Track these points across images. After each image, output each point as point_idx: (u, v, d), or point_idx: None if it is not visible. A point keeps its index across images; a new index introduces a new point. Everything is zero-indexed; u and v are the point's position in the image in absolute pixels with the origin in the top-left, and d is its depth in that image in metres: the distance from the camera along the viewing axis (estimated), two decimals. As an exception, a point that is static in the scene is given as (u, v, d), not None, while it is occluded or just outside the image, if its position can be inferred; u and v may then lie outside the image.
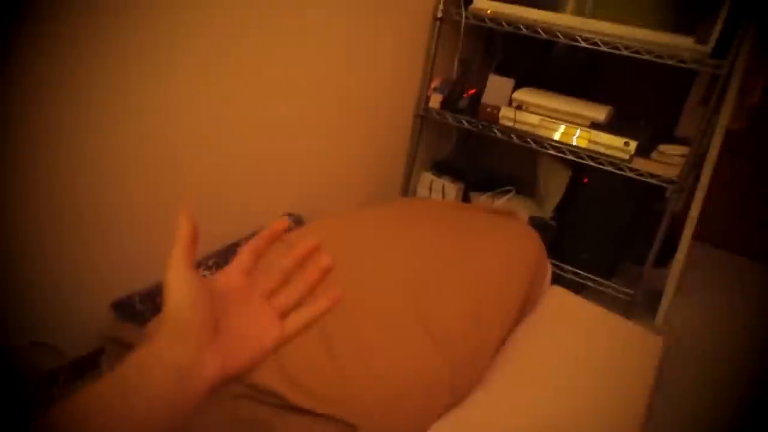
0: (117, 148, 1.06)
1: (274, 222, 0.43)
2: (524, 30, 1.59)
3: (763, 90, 1.63)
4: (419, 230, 1.32)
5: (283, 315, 0.44)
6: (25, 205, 0.96)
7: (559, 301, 1.34)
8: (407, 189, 1.99)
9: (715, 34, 1.38)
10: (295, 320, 0.44)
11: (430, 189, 2.01)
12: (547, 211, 1.87)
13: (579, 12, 1.53)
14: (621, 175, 1.56)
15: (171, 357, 0.36)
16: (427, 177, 2.02)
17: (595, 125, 1.58)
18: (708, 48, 1.38)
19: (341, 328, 0.92)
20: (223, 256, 1.30)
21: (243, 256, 0.44)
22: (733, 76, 1.44)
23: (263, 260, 0.44)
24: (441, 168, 2.04)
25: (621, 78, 1.81)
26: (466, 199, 1.98)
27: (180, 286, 0.38)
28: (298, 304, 0.45)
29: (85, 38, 0.93)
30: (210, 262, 1.25)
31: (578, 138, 1.58)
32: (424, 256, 1.21)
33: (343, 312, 0.94)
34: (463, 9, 1.66)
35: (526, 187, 2.01)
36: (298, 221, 1.53)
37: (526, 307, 1.22)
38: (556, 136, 1.61)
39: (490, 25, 1.64)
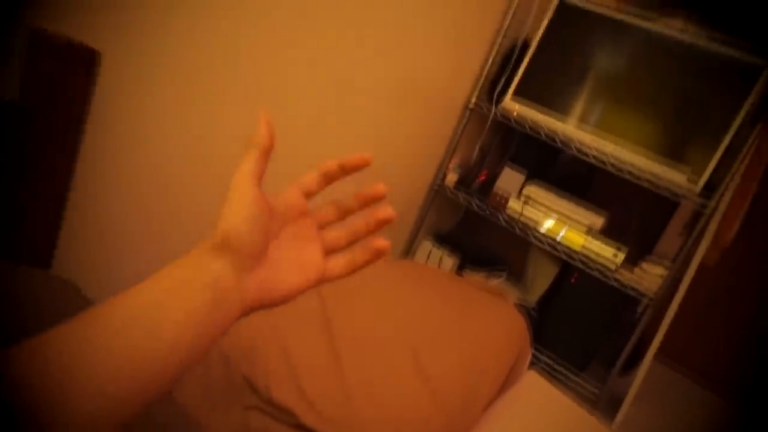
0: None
1: (359, 154, 0.41)
2: (543, 137, 1.78)
3: (737, 232, 1.83)
4: (421, 292, 1.44)
5: (328, 251, 0.42)
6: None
7: (534, 384, 1.45)
8: (407, 253, 2.13)
9: (706, 175, 1.58)
10: (339, 262, 0.42)
11: (428, 257, 2.14)
12: (532, 299, 2.02)
13: (589, 124, 1.73)
14: (605, 282, 1.72)
15: (212, 276, 0.34)
16: (428, 245, 2.16)
17: (590, 231, 1.75)
18: (698, 187, 1.58)
19: (353, 357, 1.03)
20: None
21: (310, 178, 0.41)
22: (714, 217, 1.64)
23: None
24: (441, 239, 2.19)
25: (618, 186, 1.99)
26: (460, 272, 2.12)
27: (242, 203, 0.35)
28: (346, 246, 0.42)
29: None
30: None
31: (575, 241, 1.75)
32: (424, 316, 1.33)
33: (356, 341, 1.06)
34: (493, 105, 1.86)
35: (517, 272, 2.16)
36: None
37: (506, 384, 1.34)
38: (556, 236, 1.78)
39: (514, 125, 1.84)
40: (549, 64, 1.81)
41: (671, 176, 1.61)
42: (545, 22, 1.78)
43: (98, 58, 0.79)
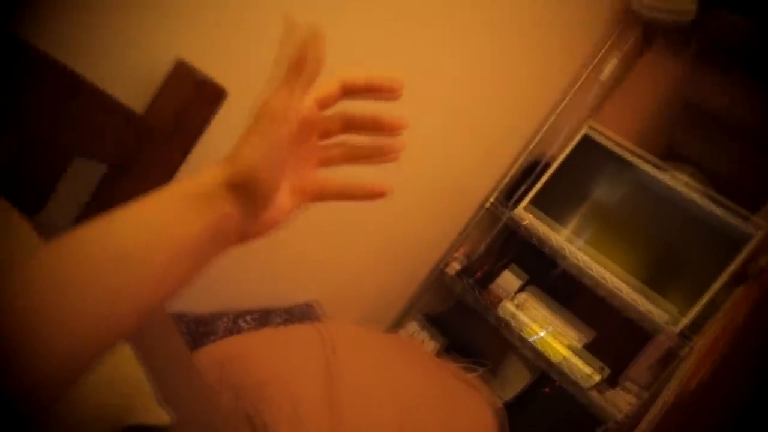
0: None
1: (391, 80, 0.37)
2: (547, 249, 1.93)
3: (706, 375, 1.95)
4: (412, 367, 1.53)
5: (322, 165, 0.40)
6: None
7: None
8: (395, 327, 2.20)
9: (687, 319, 1.72)
10: (333, 184, 0.40)
11: (414, 334, 2.21)
12: (504, 397, 2.08)
13: (591, 246, 1.88)
14: (576, 398, 1.81)
15: (219, 218, 0.33)
16: (414, 326, 2.23)
17: (574, 346, 1.86)
18: (677, 328, 1.72)
19: (350, 411, 1.10)
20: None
21: (331, 89, 0.37)
22: (687, 359, 1.76)
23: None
24: (430, 320, 2.27)
25: (603, 305, 2.11)
26: (441, 357, 2.18)
27: (271, 142, 0.33)
28: (341, 163, 0.41)
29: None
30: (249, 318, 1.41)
31: (557, 352, 1.85)
32: (411, 390, 1.40)
33: (354, 398, 1.12)
34: (507, 210, 2.01)
35: (494, 368, 2.23)
36: (309, 308, 1.70)
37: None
38: (540, 345, 1.88)
39: (522, 233, 1.98)
40: (565, 186, 1.99)
41: (655, 311, 1.75)
42: (568, 150, 1.98)
43: (224, 97, 0.90)
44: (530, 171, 2.05)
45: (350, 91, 0.38)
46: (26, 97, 0.80)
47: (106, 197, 0.90)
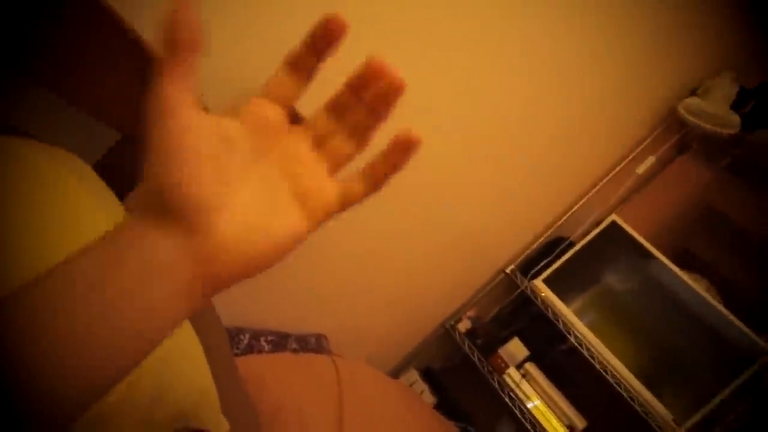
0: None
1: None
2: (560, 326, 1.95)
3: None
4: (416, 418, 1.52)
5: (338, 167, 0.33)
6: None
7: None
8: (395, 376, 2.19)
9: (689, 423, 1.72)
10: (357, 177, 0.33)
11: (411, 385, 2.20)
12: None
13: (603, 334, 1.90)
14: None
15: (162, 263, 0.26)
16: (413, 375, 2.23)
17: (571, 427, 1.85)
18: (680, 430, 1.72)
19: None
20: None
21: (279, 78, 0.32)
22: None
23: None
24: (428, 374, 2.27)
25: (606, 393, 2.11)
26: (435, 413, 2.17)
27: (171, 139, 0.26)
28: (357, 153, 0.34)
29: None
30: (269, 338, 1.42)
31: (554, 430, 1.85)
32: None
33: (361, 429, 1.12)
34: (526, 280, 2.05)
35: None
36: (320, 339, 1.71)
37: None
38: (541, 419, 1.88)
39: (539, 305, 2.01)
40: (584, 268, 2.03)
41: (659, 409, 1.75)
42: (594, 233, 2.03)
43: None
44: (553, 247, 2.09)
45: (303, 67, 0.32)
46: (133, 95, 0.85)
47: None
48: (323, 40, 0.30)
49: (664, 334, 1.91)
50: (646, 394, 1.78)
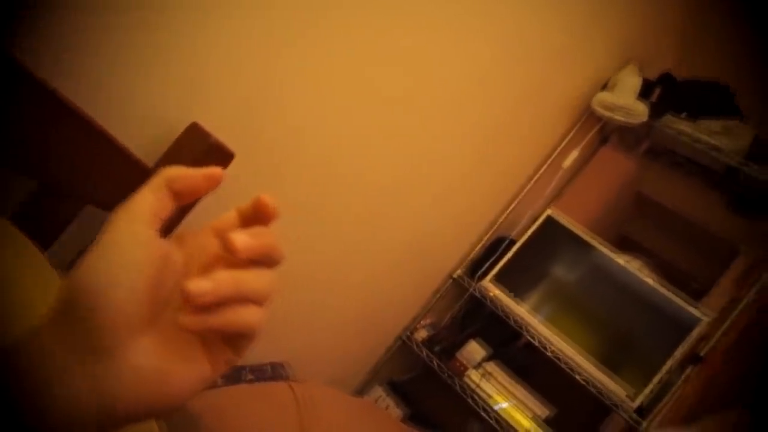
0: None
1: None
2: (512, 322, 2.01)
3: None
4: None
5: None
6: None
7: None
8: (360, 394, 2.19)
9: (642, 397, 1.80)
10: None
11: (377, 401, 2.20)
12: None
13: (554, 324, 1.98)
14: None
15: (44, 374, 0.24)
16: (378, 391, 2.23)
17: (537, 419, 1.90)
18: (634, 405, 1.79)
19: None
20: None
21: (231, 217, 0.33)
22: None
23: None
24: (393, 387, 2.27)
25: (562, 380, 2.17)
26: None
27: (123, 246, 0.25)
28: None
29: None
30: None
31: (520, 425, 1.89)
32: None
33: None
34: (474, 281, 2.10)
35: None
36: (277, 367, 1.69)
37: None
38: (506, 416, 1.92)
39: (489, 305, 2.07)
40: (528, 263, 2.11)
41: (613, 388, 1.83)
42: (533, 229, 2.12)
43: (231, 160, 0.97)
44: (496, 247, 2.16)
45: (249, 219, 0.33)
46: (48, 143, 0.85)
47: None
48: (253, 219, 0.32)
49: (613, 316, 2.00)
50: (600, 376, 1.86)
